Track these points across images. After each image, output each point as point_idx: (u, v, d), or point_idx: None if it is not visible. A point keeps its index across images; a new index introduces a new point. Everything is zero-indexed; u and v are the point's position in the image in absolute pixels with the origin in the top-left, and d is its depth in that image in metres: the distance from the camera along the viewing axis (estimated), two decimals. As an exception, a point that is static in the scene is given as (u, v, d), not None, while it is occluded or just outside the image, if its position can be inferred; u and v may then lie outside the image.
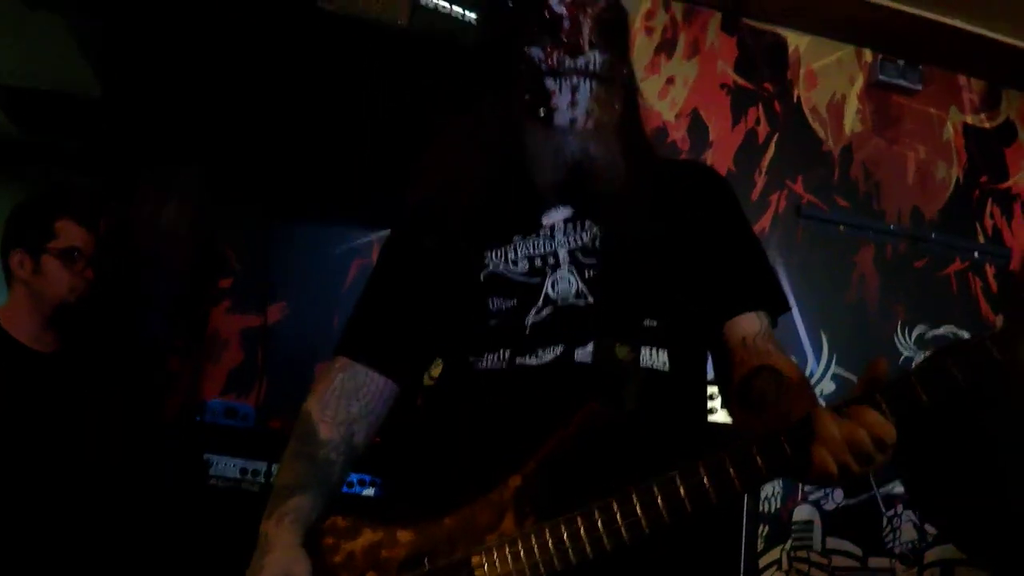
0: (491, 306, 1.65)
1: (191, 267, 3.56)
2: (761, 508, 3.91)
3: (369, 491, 2.95)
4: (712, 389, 1.77)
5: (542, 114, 1.63)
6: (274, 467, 2.83)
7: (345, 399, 1.70)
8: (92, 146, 3.88)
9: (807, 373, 4.05)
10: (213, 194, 3.60)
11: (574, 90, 1.62)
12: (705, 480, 1.35)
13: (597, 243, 1.65)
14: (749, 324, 1.65)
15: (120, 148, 3.53)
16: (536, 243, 1.67)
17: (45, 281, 2.62)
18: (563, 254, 1.65)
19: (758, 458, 1.33)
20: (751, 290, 1.69)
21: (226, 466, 2.95)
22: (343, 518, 1.59)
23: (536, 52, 1.64)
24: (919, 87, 4.54)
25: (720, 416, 3.08)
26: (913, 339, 4.34)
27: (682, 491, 1.36)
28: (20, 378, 2.56)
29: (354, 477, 2.94)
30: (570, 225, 1.68)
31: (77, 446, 2.58)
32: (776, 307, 1.72)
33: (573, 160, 1.63)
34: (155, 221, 3.41)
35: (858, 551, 4.07)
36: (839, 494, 4.11)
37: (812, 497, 4.09)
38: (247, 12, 2.87)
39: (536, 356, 1.59)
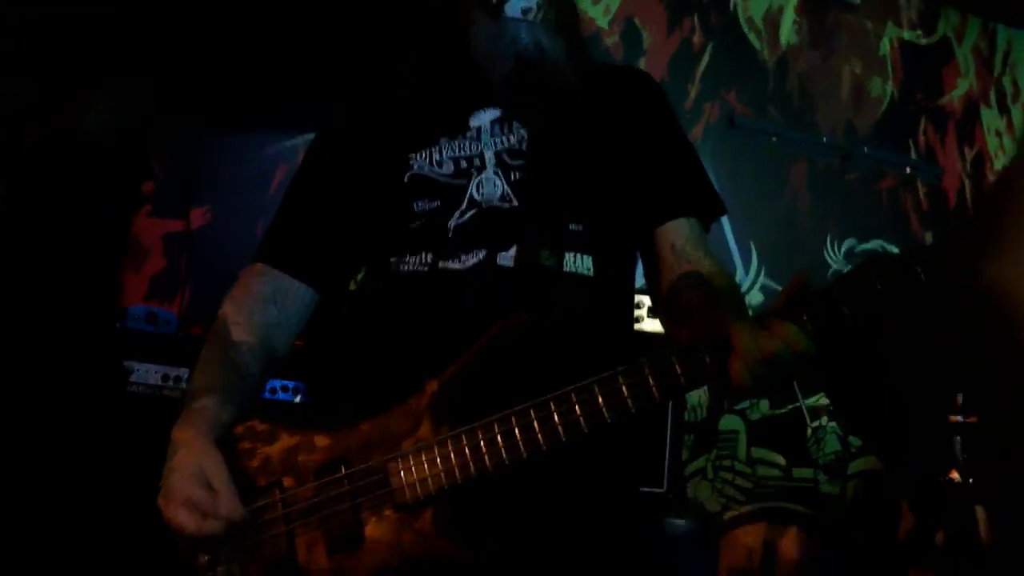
0: (415, 208, 1.63)
1: (115, 176, 3.48)
2: (687, 417, 3.97)
3: (298, 398, 2.94)
4: (643, 298, 1.77)
5: (494, 1, 1.60)
6: (195, 374, 2.81)
7: (262, 304, 1.67)
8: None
9: (736, 284, 4.09)
10: (142, 102, 3.51)
11: None
12: (624, 389, 1.34)
13: (524, 145, 1.63)
14: (679, 230, 1.64)
15: (50, 59, 3.42)
16: (462, 144, 1.64)
17: None
18: (489, 156, 1.63)
19: (677, 367, 1.33)
20: (682, 195, 1.68)
21: (147, 373, 2.92)
22: (260, 422, 1.57)
23: None
24: (858, 1, 4.53)
25: (648, 325, 3.12)
26: (843, 252, 4.40)
27: (600, 400, 1.35)
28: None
29: (278, 383, 2.93)
30: (497, 126, 1.66)
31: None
32: (708, 213, 1.70)
33: (525, 51, 1.61)
34: (81, 132, 3.32)
35: (782, 461, 4.17)
36: (765, 404, 4.19)
37: (738, 407, 4.17)
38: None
39: (459, 260, 1.58)
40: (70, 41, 3.29)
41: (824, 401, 4.17)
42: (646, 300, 3.06)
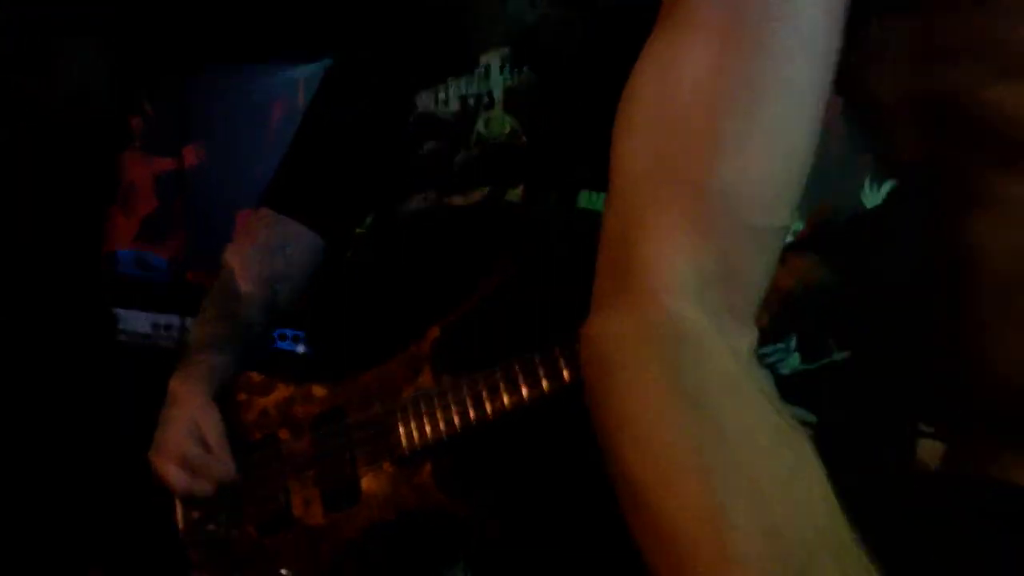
0: (420, 149, 1.65)
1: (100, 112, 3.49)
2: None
3: (300, 347, 2.96)
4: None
5: None
6: (188, 321, 2.84)
7: (269, 254, 1.70)
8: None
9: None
10: (127, 44, 3.50)
11: None
12: None
13: (536, 83, 1.64)
14: None
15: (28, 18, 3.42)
16: (470, 82, 1.65)
17: None
18: (498, 94, 1.64)
19: None
20: None
21: (136, 320, 2.95)
22: (257, 373, 1.62)
23: None
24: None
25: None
26: (883, 196, 4.37)
27: None
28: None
29: (276, 332, 2.95)
30: (508, 64, 1.66)
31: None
32: None
33: None
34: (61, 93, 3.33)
35: (813, 419, 4.18)
36: (796, 358, 4.19)
37: (768, 360, 4.17)
38: None
39: (464, 196, 1.60)
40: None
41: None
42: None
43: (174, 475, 1.49)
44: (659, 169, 0.68)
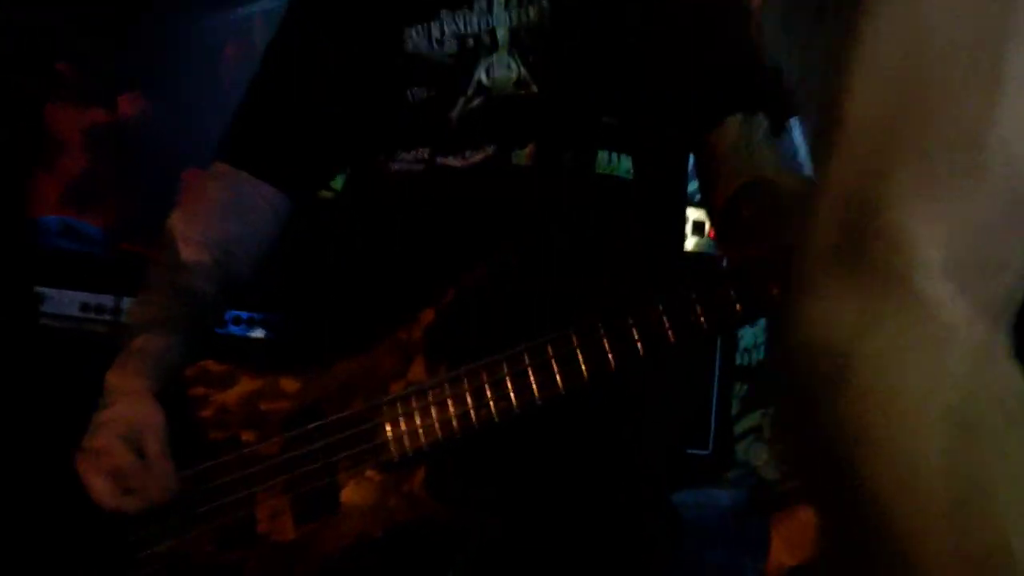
0: (409, 96, 1.64)
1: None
2: (739, 360, 3.97)
3: (258, 332, 2.95)
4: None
5: None
6: (124, 302, 2.82)
7: (221, 214, 1.69)
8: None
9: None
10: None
11: None
12: (665, 319, 1.37)
13: (547, 20, 1.63)
14: (743, 129, 1.64)
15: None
16: (469, 19, 1.64)
17: None
18: (502, 33, 1.63)
19: (732, 292, 1.35)
20: (746, 86, 1.68)
21: (63, 301, 2.93)
22: (215, 362, 1.60)
23: None
24: None
25: (704, 244, 3.10)
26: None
27: (635, 332, 1.38)
28: None
29: (229, 315, 2.94)
30: None
31: None
32: (777, 108, 1.70)
33: None
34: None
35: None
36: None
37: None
38: None
39: (462, 156, 1.59)
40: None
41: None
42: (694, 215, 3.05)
43: (100, 490, 1.48)
44: (914, 114, 0.62)
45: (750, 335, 4.04)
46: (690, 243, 3.11)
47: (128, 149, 3.62)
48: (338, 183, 1.86)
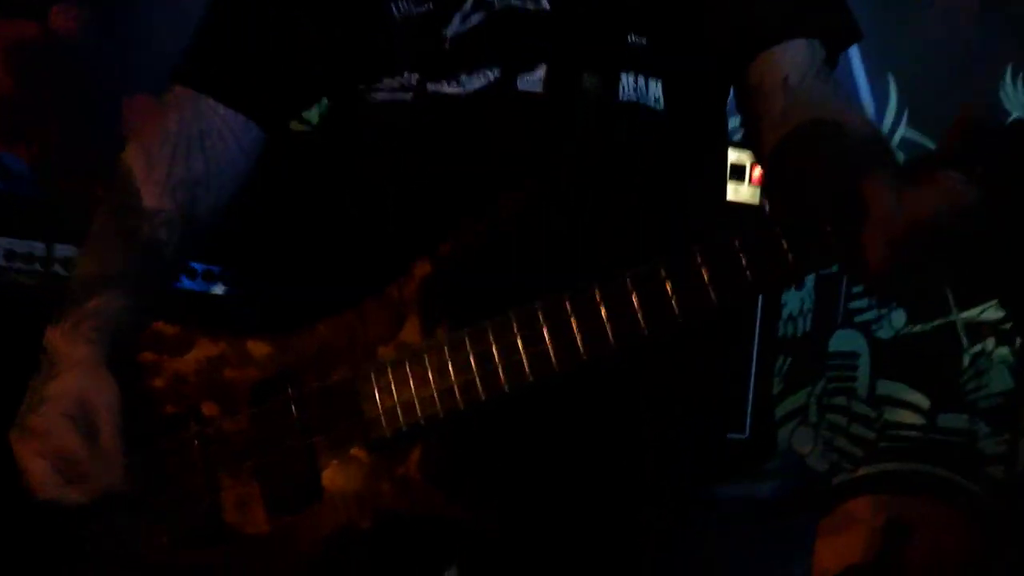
0: (394, 11, 1.63)
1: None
2: (782, 331, 3.98)
3: (218, 288, 2.95)
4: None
5: None
6: (58, 249, 2.83)
7: (184, 149, 1.68)
8: None
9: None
10: None
11: None
12: (704, 271, 1.36)
13: None
14: (795, 58, 1.62)
15: None
16: None
17: None
18: (506, -66, 1.63)
19: (783, 242, 1.33)
20: (799, 7, 1.67)
21: (-14, 248, 2.94)
22: (169, 324, 1.60)
23: None
24: None
25: (745, 193, 3.09)
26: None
27: (668, 287, 1.36)
28: None
29: (196, 267, 2.94)
30: None
31: None
32: (837, 35, 1.69)
33: None
34: None
35: (924, 402, 4.19)
36: (900, 316, 4.20)
37: (859, 319, 4.18)
38: None
39: (458, 82, 1.59)
40: None
41: (992, 314, 4.17)
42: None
43: (41, 477, 1.47)
44: None
45: (795, 300, 4.06)
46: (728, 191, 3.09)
47: (61, 70, 3.61)
48: (314, 116, 1.85)
